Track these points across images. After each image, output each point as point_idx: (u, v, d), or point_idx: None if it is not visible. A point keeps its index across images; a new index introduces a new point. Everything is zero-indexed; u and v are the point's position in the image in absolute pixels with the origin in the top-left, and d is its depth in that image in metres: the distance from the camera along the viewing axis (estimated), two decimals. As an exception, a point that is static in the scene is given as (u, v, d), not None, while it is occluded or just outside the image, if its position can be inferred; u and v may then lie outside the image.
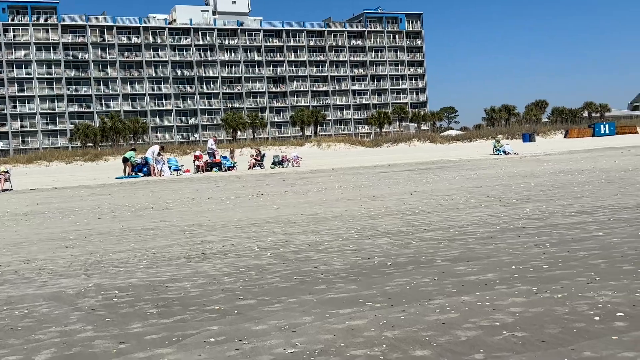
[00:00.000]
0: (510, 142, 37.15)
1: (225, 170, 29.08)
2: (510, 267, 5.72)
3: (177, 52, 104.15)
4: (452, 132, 78.52)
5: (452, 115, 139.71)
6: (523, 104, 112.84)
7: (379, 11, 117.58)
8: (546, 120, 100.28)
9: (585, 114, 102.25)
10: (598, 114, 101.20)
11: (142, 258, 7.52)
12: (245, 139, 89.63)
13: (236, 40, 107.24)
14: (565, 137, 60.11)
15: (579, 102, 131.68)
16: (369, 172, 23.73)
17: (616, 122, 67.54)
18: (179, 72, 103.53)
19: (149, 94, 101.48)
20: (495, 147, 33.16)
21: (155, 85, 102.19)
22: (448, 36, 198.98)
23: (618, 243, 6.58)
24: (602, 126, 61.80)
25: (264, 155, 32.00)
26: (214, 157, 30.37)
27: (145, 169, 27.90)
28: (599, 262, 5.72)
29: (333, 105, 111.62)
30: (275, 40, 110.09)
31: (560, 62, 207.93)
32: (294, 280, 5.74)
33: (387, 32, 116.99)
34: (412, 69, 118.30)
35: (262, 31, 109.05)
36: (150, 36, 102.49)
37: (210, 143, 31.08)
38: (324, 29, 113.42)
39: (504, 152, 31.93)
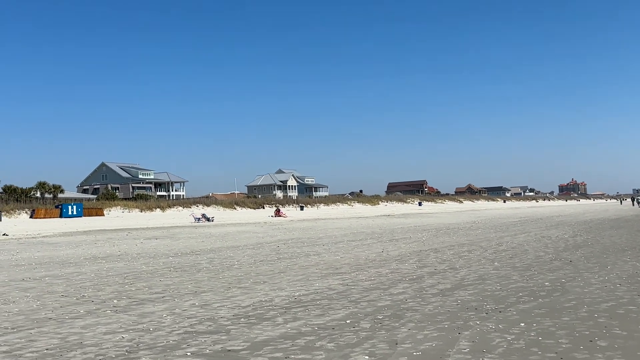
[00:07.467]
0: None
1: None
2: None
3: None
4: None
5: None
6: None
7: None
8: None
9: (39, 193, 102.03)
10: (51, 195, 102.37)
11: None
12: None
13: None
14: (31, 217, 58.19)
15: (32, 182, 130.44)
16: None
17: (84, 203, 69.13)
18: None
19: None
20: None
21: None
22: None
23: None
24: (70, 207, 62.38)
25: None
26: None
27: None
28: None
29: None
30: None
31: (15, 143, 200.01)
32: None
33: None
34: None
35: None
36: None
37: None
38: None
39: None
